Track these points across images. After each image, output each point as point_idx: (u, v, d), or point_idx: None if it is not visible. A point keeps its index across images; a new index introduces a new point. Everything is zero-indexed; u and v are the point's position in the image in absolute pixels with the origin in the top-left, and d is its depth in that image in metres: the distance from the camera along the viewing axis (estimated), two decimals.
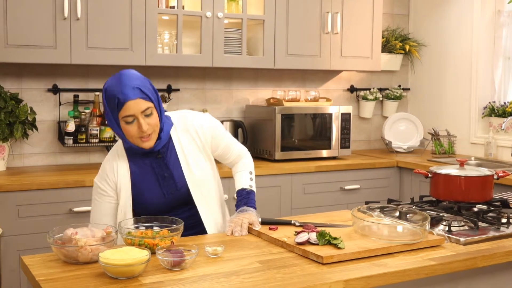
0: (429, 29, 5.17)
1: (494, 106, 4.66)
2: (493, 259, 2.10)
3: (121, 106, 2.18)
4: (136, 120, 2.20)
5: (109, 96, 2.21)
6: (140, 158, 2.35)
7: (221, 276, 1.81)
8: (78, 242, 1.92)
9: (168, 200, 2.37)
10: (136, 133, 2.22)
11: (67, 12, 3.58)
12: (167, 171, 2.36)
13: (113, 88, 2.20)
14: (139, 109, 2.19)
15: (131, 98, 2.18)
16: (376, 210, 2.54)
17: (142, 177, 2.35)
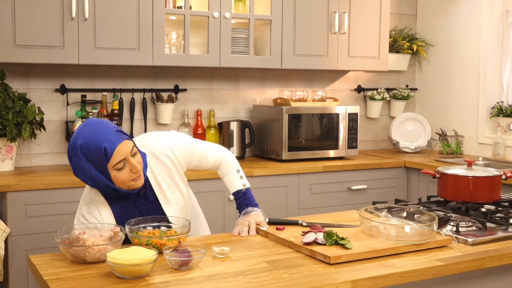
0: (436, 29, 5.16)
1: (502, 106, 4.64)
2: (501, 259, 2.09)
3: (110, 155, 2.07)
4: (126, 163, 2.12)
5: (91, 149, 2.07)
6: (121, 200, 2.24)
7: (228, 276, 1.81)
8: (85, 242, 1.92)
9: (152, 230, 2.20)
10: (128, 176, 2.13)
11: (75, 13, 3.59)
12: (149, 205, 2.29)
13: (94, 140, 2.07)
14: (127, 151, 2.11)
15: (119, 142, 2.10)
16: (384, 210, 2.53)
17: (126, 216, 2.22)
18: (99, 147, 2.06)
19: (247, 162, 4.24)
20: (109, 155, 2.07)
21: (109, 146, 2.07)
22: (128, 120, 4.18)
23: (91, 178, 2.12)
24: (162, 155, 2.31)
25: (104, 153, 2.07)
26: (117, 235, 2.00)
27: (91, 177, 2.12)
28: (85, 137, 2.09)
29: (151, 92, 4.24)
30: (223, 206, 3.81)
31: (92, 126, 2.12)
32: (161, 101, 4.21)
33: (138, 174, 2.16)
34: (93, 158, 2.08)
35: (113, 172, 2.11)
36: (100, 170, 2.10)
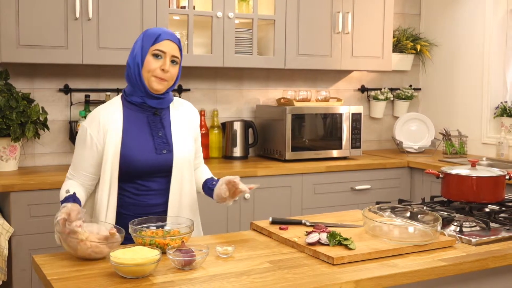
0: (440, 28, 5.15)
1: (506, 106, 4.63)
2: (505, 260, 2.08)
3: (159, 40, 2.29)
4: (163, 58, 2.30)
5: (149, 33, 2.33)
6: (136, 111, 2.35)
7: (232, 276, 1.81)
8: (79, 235, 1.93)
9: (157, 159, 2.31)
10: (156, 68, 2.29)
11: (79, 13, 3.60)
12: (162, 130, 2.36)
13: (157, 29, 2.35)
14: (171, 51, 2.31)
15: (171, 39, 2.32)
16: (387, 210, 2.53)
17: (135, 129, 2.32)
18: (157, 33, 2.32)
19: (250, 162, 4.24)
20: (158, 40, 2.30)
21: (162, 35, 2.31)
22: None
23: (133, 58, 2.32)
24: (188, 111, 2.48)
25: (156, 37, 2.30)
26: (113, 237, 2.00)
27: (133, 57, 2.31)
28: (153, 27, 2.44)
29: None
30: (226, 207, 3.81)
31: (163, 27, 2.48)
32: None
33: (163, 77, 2.30)
34: (146, 39, 2.32)
35: (149, 55, 2.30)
36: (144, 50, 2.30)
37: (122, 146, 2.29)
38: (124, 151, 2.29)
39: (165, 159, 2.33)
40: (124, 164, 2.29)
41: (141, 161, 2.29)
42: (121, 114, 2.33)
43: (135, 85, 2.32)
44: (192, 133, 2.46)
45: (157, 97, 2.33)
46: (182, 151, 2.37)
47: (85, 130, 2.33)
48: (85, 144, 2.33)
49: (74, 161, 2.39)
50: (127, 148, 2.29)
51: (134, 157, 2.29)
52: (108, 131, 2.29)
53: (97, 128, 2.30)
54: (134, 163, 2.28)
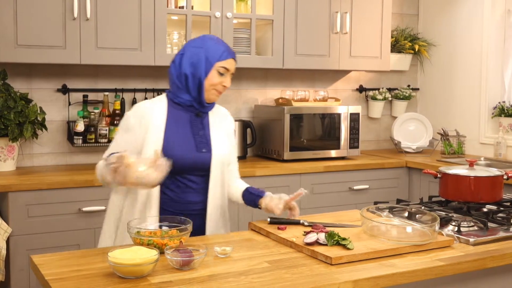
0: (438, 29, 5.15)
1: (504, 106, 4.64)
2: (503, 259, 2.09)
3: (225, 57, 2.42)
4: (225, 75, 2.43)
5: (215, 45, 2.42)
6: (180, 111, 2.47)
7: (230, 276, 1.81)
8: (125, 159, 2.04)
9: (197, 157, 2.42)
10: (218, 83, 2.41)
11: (77, 12, 3.60)
12: (202, 130, 2.48)
13: (219, 43, 2.45)
14: (232, 69, 2.46)
15: (233, 58, 2.47)
16: (385, 210, 2.53)
17: (177, 127, 2.43)
18: (225, 47, 2.44)
19: (248, 162, 4.24)
20: (224, 57, 2.42)
21: (230, 53, 2.45)
22: None
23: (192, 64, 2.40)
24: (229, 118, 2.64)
25: (221, 54, 2.41)
26: (157, 157, 2.09)
27: (195, 63, 2.40)
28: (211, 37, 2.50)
29: (153, 92, 4.24)
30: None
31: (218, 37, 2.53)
32: None
33: (221, 92, 2.46)
34: (212, 53, 2.41)
35: (214, 71, 2.41)
36: (207, 65, 2.41)
37: (165, 143, 2.38)
38: (166, 147, 2.37)
39: (205, 158, 2.44)
40: None
41: (182, 157, 2.39)
42: (165, 112, 2.45)
43: (189, 91, 2.43)
44: (228, 138, 2.57)
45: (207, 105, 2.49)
46: (219, 152, 2.48)
47: (128, 118, 2.44)
48: (126, 130, 2.42)
49: (114, 146, 2.43)
50: (169, 144, 2.38)
51: (175, 153, 2.37)
52: (150, 125, 2.39)
53: (140, 119, 2.40)
54: (175, 158, 2.34)
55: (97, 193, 3.49)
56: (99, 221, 3.48)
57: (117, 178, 2.10)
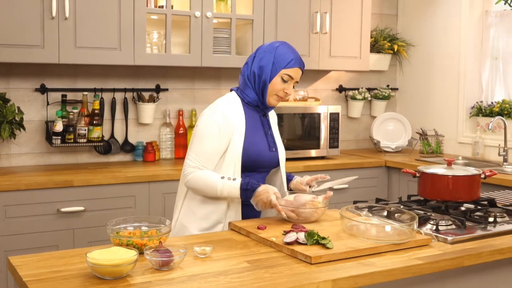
0: (417, 29, 5.19)
1: (481, 106, 4.69)
2: (480, 258, 2.11)
3: (292, 65, 2.51)
4: (289, 82, 2.54)
5: (282, 53, 2.52)
6: (253, 110, 2.60)
7: (210, 276, 1.81)
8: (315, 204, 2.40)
9: (270, 156, 2.59)
10: (280, 90, 2.53)
11: (55, 12, 3.57)
12: (269, 130, 2.65)
13: (290, 51, 2.54)
14: (297, 78, 2.56)
15: (301, 67, 2.56)
16: (364, 209, 2.55)
17: (254, 127, 2.57)
18: (292, 56, 2.52)
19: None
20: (291, 65, 2.52)
21: (296, 61, 2.53)
22: (109, 120, 4.16)
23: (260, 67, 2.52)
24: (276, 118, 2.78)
25: (289, 62, 2.51)
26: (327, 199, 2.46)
27: (263, 66, 2.52)
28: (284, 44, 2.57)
29: (132, 92, 4.22)
30: None
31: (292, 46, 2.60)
32: (143, 101, 4.19)
33: (283, 97, 2.57)
34: (279, 59, 2.51)
35: (278, 77, 2.52)
36: (275, 68, 2.51)
37: (245, 143, 2.51)
38: (247, 147, 2.51)
39: (275, 156, 2.63)
40: (245, 159, 2.52)
41: (260, 157, 2.56)
42: (243, 111, 2.56)
43: (256, 91, 2.57)
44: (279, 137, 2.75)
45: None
46: (282, 150, 2.69)
47: (213, 120, 2.50)
48: (215, 133, 2.49)
49: (203, 150, 2.50)
50: (249, 145, 2.52)
51: (255, 153, 2.53)
52: (235, 123, 2.50)
53: (224, 119, 2.49)
54: (254, 157, 2.53)
55: (75, 193, 3.47)
56: (77, 221, 3.47)
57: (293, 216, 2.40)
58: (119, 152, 4.22)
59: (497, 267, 2.24)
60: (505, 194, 3.09)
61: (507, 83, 4.64)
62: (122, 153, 4.24)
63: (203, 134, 2.50)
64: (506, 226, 2.40)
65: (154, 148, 4.24)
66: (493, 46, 4.70)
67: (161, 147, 4.28)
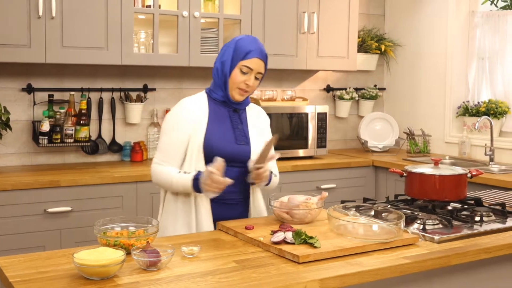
0: (404, 29, 5.21)
1: (468, 105, 4.71)
2: (467, 256, 2.12)
3: (248, 57, 2.49)
4: (249, 74, 2.51)
5: (241, 46, 2.51)
6: (220, 106, 2.59)
7: (197, 276, 1.81)
8: (309, 205, 2.38)
9: (236, 149, 2.54)
10: (241, 83, 2.51)
11: (42, 11, 3.55)
12: (240, 124, 2.61)
13: (249, 43, 2.52)
14: (257, 68, 2.52)
15: (259, 57, 2.52)
16: (352, 209, 2.56)
17: (218, 122, 2.55)
18: (248, 48, 2.50)
19: None
20: (248, 56, 2.49)
21: (253, 52, 2.50)
22: (96, 119, 4.15)
23: (221, 62, 2.53)
24: (264, 116, 2.77)
25: (246, 53, 2.49)
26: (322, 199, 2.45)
27: (222, 62, 2.52)
28: (245, 38, 2.55)
29: (120, 92, 4.21)
30: None
31: (256, 39, 2.59)
32: (130, 101, 4.18)
33: (245, 90, 2.54)
34: (237, 52, 2.50)
35: (236, 69, 2.50)
36: (234, 61, 2.50)
37: (207, 135, 2.51)
38: (208, 140, 2.50)
39: (244, 150, 2.57)
40: (207, 152, 2.50)
41: (223, 149, 2.51)
42: (207, 106, 2.57)
43: (220, 87, 2.56)
44: (263, 135, 2.68)
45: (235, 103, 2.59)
46: (257, 146, 2.59)
47: (175, 117, 2.54)
48: (176, 129, 2.51)
49: (164, 147, 2.55)
50: (211, 137, 2.51)
51: (217, 145, 2.51)
52: (196, 118, 2.51)
53: (186, 115, 2.51)
54: (216, 150, 2.49)
55: (62, 194, 3.46)
56: (64, 222, 3.45)
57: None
58: (106, 152, 4.20)
59: (483, 266, 2.25)
60: (492, 193, 3.11)
61: (493, 83, 4.67)
62: (110, 153, 4.22)
63: (162, 130, 2.57)
64: (492, 225, 2.42)
65: (141, 148, 4.22)
66: (479, 46, 4.73)
67: (148, 147, 4.27)
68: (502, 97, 4.59)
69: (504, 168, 4.10)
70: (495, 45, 4.62)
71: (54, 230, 3.45)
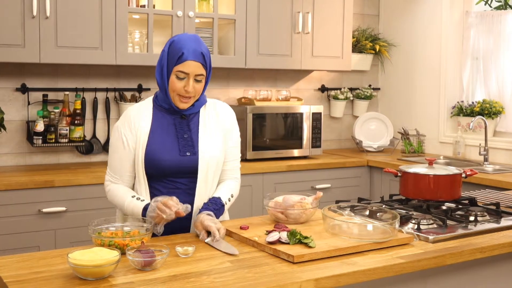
0: (398, 29, 5.22)
1: (462, 105, 4.72)
2: (461, 256, 2.13)
3: (181, 61, 2.29)
4: (186, 79, 2.31)
5: (174, 48, 2.31)
6: (165, 114, 2.41)
7: (192, 276, 1.81)
8: (304, 205, 2.37)
9: (181, 161, 2.36)
10: (180, 89, 2.32)
11: (36, 11, 3.54)
12: (188, 132, 2.41)
13: (182, 43, 2.31)
14: (194, 71, 2.31)
15: (193, 59, 2.30)
16: (347, 209, 2.56)
17: (162, 131, 2.38)
18: (180, 50, 2.29)
19: None
20: (181, 60, 2.29)
21: (185, 55, 2.29)
22: (91, 119, 4.14)
23: (161, 67, 2.35)
24: (221, 111, 2.50)
25: (178, 57, 2.29)
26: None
27: (161, 69, 2.35)
28: (180, 38, 2.35)
29: (114, 92, 4.20)
30: None
31: (192, 36, 2.37)
32: (125, 101, 4.18)
33: (186, 96, 2.34)
34: (171, 53, 2.31)
35: (173, 75, 2.31)
36: (169, 67, 2.32)
37: (148, 146, 2.35)
38: (149, 151, 2.35)
39: (189, 161, 2.38)
40: (149, 163, 2.36)
41: (165, 161, 2.35)
42: (151, 115, 2.40)
43: (163, 94, 2.39)
44: (223, 134, 2.48)
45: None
46: (207, 154, 2.40)
47: (119, 131, 2.39)
48: (121, 144, 2.37)
49: (113, 164, 2.41)
50: (152, 148, 2.35)
51: (158, 157, 2.35)
52: (138, 129, 2.37)
53: (129, 127, 2.37)
54: (158, 162, 2.35)
55: (57, 194, 3.45)
56: (59, 222, 3.45)
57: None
58: (101, 152, 4.19)
59: (478, 265, 2.26)
60: (486, 193, 3.12)
61: (487, 83, 4.68)
62: (104, 153, 4.21)
63: (111, 146, 2.43)
64: (487, 225, 2.42)
65: None
66: (473, 46, 4.74)
67: None
68: (496, 97, 4.60)
69: (498, 168, 4.12)
70: (489, 45, 4.64)
71: (48, 230, 3.44)
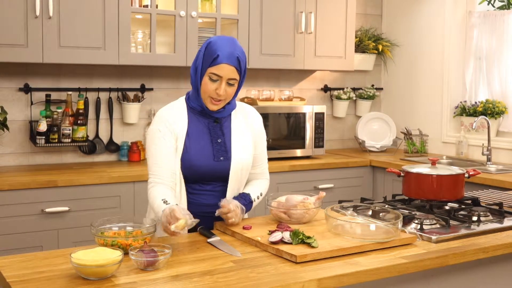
0: (401, 29, 5.22)
1: (465, 105, 4.72)
2: (464, 256, 2.12)
3: (215, 63, 2.29)
4: (219, 81, 2.31)
5: (211, 49, 2.30)
6: (199, 117, 2.42)
7: (195, 276, 1.81)
8: (307, 205, 2.37)
9: (215, 166, 2.39)
10: (212, 91, 2.32)
11: (39, 11, 3.55)
12: (221, 137, 2.42)
13: (218, 45, 2.30)
14: (227, 75, 2.31)
15: (228, 62, 2.29)
16: (349, 209, 2.56)
17: (197, 135, 2.39)
18: (216, 52, 2.29)
19: None
20: (215, 62, 2.29)
21: (221, 57, 2.29)
22: (93, 119, 4.14)
23: (195, 67, 2.36)
24: (250, 117, 2.54)
25: (214, 59, 2.29)
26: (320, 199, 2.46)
27: (196, 69, 2.35)
28: (217, 40, 2.34)
29: (117, 92, 4.20)
30: None
31: (229, 38, 2.37)
32: (127, 101, 4.18)
33: (218, 99, 2.34)
34: (206, 57, 2.31)
35: (206, 77, 2.32)
36: (203, 67, 2.32)
37: (184, 150, 2.37)
38: (185, 155, 2.37)
39: (222, 166, 2.41)
40: (185, 170, 2.38)
41: (200, 166, 2.38)
42: (186, 118, 2.41)
43: (196, 95, 2.39)
44: (251, 139, 2.51)
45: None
46: (240, 159, 2.44)
47: (156, 131, 2.38)
48: (160, 142, 2.36)
49: (154, 163, 2.37)
50: (188, 153, 2.37)
51: (194, 162, 2.37)
52: (176, 132, 2.37)
53: (167, 128, 2.36)
54: (193, 167, 2.37)
55: (60, 193, 3.45)
56: (62, 222, 3.45)
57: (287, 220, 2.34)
58: (103, 152, 4.20)
59: (481, 265, 2.25)
60: (489, 193, 3.11)
61: (490, 83, 4.67)
62: (107, 153, 4.22)
63: (149, 149, 2.40)
64: (490, 225, 2.42)
65: (139, 148, 4.22)
66: (476, 46, 4.73)
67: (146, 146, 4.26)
68: (499, 97, 4.60)
69: (501, 168, 4.11)
70: (492, 45, 4.63)
71: (51, 230, 3.44)
